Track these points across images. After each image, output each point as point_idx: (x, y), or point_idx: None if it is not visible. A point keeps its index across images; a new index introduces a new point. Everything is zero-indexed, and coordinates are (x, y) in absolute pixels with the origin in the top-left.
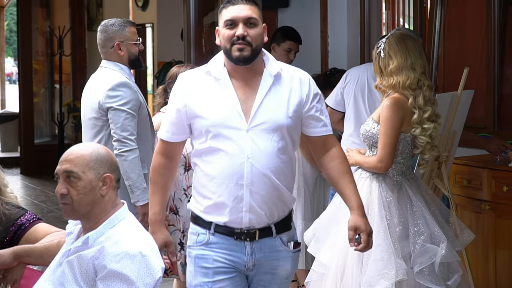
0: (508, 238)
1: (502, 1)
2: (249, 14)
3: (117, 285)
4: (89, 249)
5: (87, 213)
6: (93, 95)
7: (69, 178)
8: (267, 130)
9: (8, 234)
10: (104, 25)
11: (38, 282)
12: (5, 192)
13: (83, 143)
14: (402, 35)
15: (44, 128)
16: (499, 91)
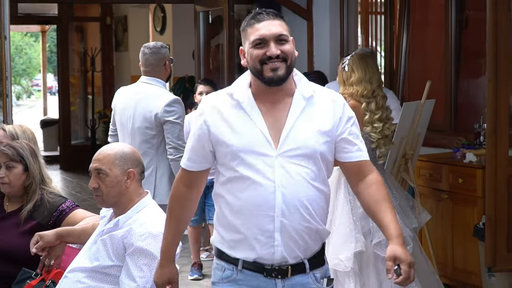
0: (463, 222)
1: (457, 25)
2: (279, 31)
3: (142, 259)
4: (119, 230)
5: (116, 202)
6: (150, 109)
7: (99, 175)
8: (298, 156)
9: (51, 218)
10: (154, 47)
11: (77, 257)
12: (49, 184)
13: (111, 144)
14: (364, 54)
15: (79, 132)
16: (455, 100)
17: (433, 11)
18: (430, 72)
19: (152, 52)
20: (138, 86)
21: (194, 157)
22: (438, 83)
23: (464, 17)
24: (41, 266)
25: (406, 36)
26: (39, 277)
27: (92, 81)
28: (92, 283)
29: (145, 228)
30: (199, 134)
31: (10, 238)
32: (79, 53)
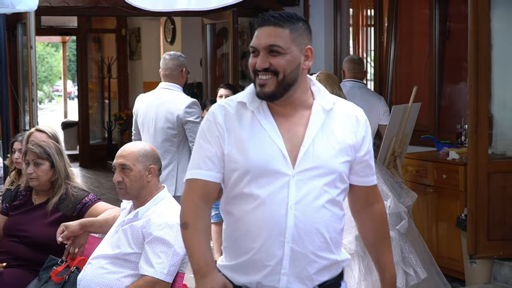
0: (447, 213)
1: (441, 36)
2: (272, 41)
3: (160, 247)
4: (138, 221)
5: (137, 195)
6: (172, 111)
7: (123, 169)
8: (317, 176)
9: (75, 210)
10: (173, 55)
11: (100, 245)
12: (73, 179)
13: (133, 142)
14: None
15: (96, 132)
16: (438, 104)
17: (418, 23)
18: (415, 78)
19: (172, 58)
20: (158, 92)
21: (209, 164)
22: (423, 88)
23: (447, 28)
24: (66, 254)
25: (393, 46)
26: (64, 264)
27: (108, 86)
28: (114, 268)
29: (162, 219)
30: (217, 135)
31: (38, 228)
32: (97, 61)
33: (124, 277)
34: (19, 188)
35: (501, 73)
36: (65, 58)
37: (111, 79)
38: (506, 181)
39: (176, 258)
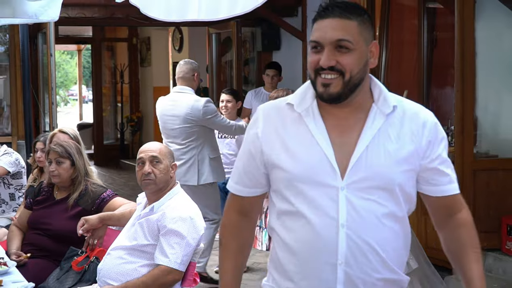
0: None
1: (429, 45)
2: (339, 35)
3: (173, 239)
4: (154, 214)
5: (162, 187)
6: (189, 111)
7: (153, 162)
8: (371, 189)
9: (94, 205)
10: (187, 61)
11: (118, 237)
12: (92, 176)
13: (153, 142)
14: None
15: (110, 133)
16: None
17: (408, 32)
18: (405, 83)
19: (186, 63)
20: (173, 95)
21: (245, 179)
22: (412, 92)
23: (434, 37)
24: (86, 245)
25: (385, 53)
26: (84, 254)
27: (121, 91)
28: (131, 258)
29: (176, 213)
30: (251, 151)
31: (60, 221)
32: (110, 68)
33: (141, 267)
34: (42, 184)
35: (485, 79)
36: (81, 65)
37: (123, 84)
38: (490, 178)
39: (188, 248)
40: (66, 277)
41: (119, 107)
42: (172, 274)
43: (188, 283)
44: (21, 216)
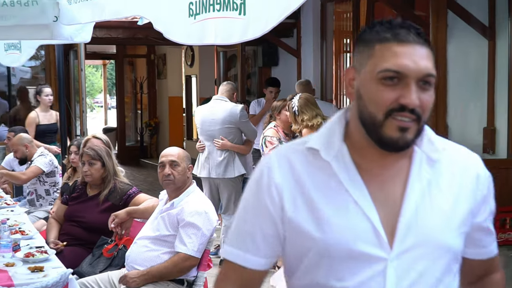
0: None
1: None
2: (429, 68)
3: (191, 230)
4: (174, 209)
5: (180, 187)
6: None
7: (172, 165)
8: (424, 258)
9: (122, 200)
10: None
11: (143, 229)
12: (120, 175)
13: (173, 147)
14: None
15: (131, 136)
16: None
17: None
18: None
19: (227, 83)
20: (212, 102)
21: (249, 243)
22: None
23: None
24: (115, 235)
25: None
26: (113, 243)
27: (140, 100)
28: (155, 247)
29: (193, 207)
30: (267, 206)
31: (92, 215)
32: (131, 80)
33: (163, 254)
34: (76, 183)
35: (455, 92)
36: (105, 77)
37: (143, 94)
38: None
39: (203, 238)
40: (97, 262)
41: (139, 113)
42: (189, 260)
43: (203, 267)
44: (58, 210)
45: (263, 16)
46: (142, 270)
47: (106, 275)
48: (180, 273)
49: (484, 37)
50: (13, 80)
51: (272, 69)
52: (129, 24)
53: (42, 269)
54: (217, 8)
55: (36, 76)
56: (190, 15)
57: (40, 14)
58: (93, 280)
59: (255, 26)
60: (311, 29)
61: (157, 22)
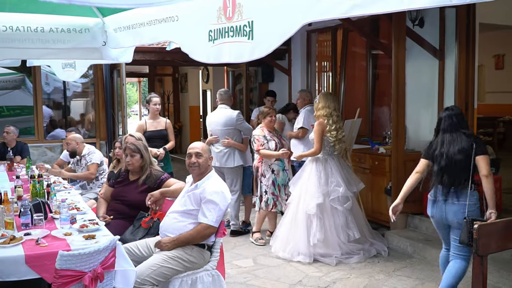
0: (378, 186)
1: (373, 78)
2: None
3: (210, 205)
4: (197, 189)
5: (203, 172)
6: (229, 119)
7: (197, 155)
8: None
9: (156, 183)
10: (226, 90)
11: (173, 205)
12: (154, 165)
13: (198, 142)
14: (326, 93)
15: None
16: (371, 119)
17: (359, 70)
18: (357, 104)
19: (224, 92)
20: (218, 110)
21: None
22: (362, 110)
23: (376, 73)
24: (150, 210)
25: (343, 84)
26: (149, 216)
27: (167, 109)
28: (182, 219)
29: (212, 188)
30: None
31: (133, 195)
32: (160, 93)
33: (189, 224)
34: (120, 170)
35: (411, 101)
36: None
37: (169, 104)
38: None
39: (220, 212)
40: (137, 232)
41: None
42: (209, 229)
43: (220, 234)
44: (106, 192)
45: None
46: (173, 237)
47: (144, 241)
48: (202, 239)
49: (435, 58)
50: (67, 93)
51: (269, 84)
52: (159, 50)
53: (94, 237)
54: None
55: (86, 90)
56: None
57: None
58: (134, 245)
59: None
60: (299, 53)
61: (184, 46)
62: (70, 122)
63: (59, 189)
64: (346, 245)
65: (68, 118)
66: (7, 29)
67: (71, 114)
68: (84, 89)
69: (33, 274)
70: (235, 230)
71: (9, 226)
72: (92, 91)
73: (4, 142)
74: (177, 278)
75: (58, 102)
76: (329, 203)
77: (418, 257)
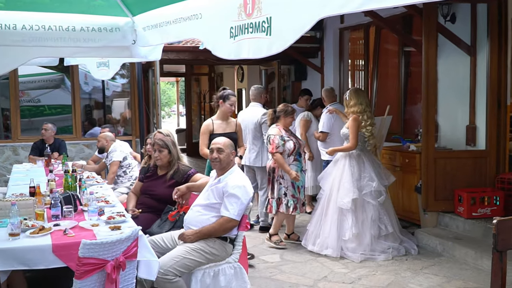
0: (408, 183)
1: (405, 76)
2: None
3: (232, 199)
4: (220, 183)
5: (224, 166)
6: (254, 118)
7: (219, 151)
8: None
9: (183, 178)
10: (257, 86)
11: (197, 199)
12: (182, 160)
13: (220, 137)
14: (356, 89)
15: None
16: (403, 117)
17: (391, 67)
18: (389, 101)
19: (255, 88)
20: (249, 108)
21: None
22: (395, 107)
23: (409, 71)
24: (177, 204)
25: (375, 82)
26: (176, 210)
27: (204, 107)
28: (206, 212)
29: (234, 182)
30: None
31: (161, 189)
32: (197, 93)
33: (212, 217)
34: (149, 166)
35: (444, 97)
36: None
37: (205, 103)
38: (446, 164)
39: (242, 206)
40: (164, 225)
41: (203, 118)
42: (231, 222)
43: (242, 228)
44: (136, 186)
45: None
46: (196, 229)
47: (169, 234)
48: (224, 232)
49: (467, 54)
50: (107, 92)
51: (302, 82)
52: (193, 49)
53: (120, 228)
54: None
55: (125, 90)
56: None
57: (121, 38)
58: (160, 238)
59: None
60: (332, 51)
61: (207, 42)
62: (108, 120)
63: (92, 183)
64: (376, 241)
65: (107, 117)
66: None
67: (112, 113)
68: (124, 89)
69: (60, 263)
70: (264, 227)
71: (40, 218)
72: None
73: (43, 139)
74: (200, 269)
75: (99, 102)
76: (362, 198)
77: (447, 256)
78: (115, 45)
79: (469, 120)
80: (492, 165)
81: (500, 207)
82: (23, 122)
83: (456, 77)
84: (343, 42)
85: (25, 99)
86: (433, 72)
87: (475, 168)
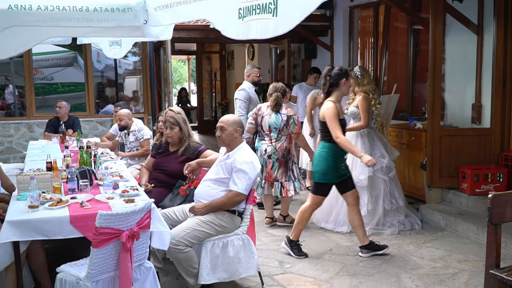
0: (414, 160)
1: (414, 54)
2: None
3: (241, 174)
4: (229, 159)
5: (228, 144)
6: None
7: (221, 129)
8: None
9: (194, 154)
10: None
11: (207, 174)
12: (192, 137)
13: (227, 115)
14: (364, 68)
15: (208, 113)
16: (411, 95)
17: (400, 46)
18: (397, 79)
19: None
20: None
21: None
22: (403, 85)
23: (418, 49)
24: (188, 179)
25: (385, 60)
26: (187, 185)
27: (214, 85)
28: (215, 186)
29: (242, 158)
30: None
31: (172, 165)
32: (208, 71)
33: (221, 191)
34: (161, 142)
35: (451, 76)
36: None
37: (216, 81)
38: (451, 141)
39: (249, 181)
40: (175, 199)
41: (214, 96)
42: (239, 196)
43: (250, 202)
44: (148, 162)
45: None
46: (206, 203)
47: (180, 207)
48: (233, 205)
49: (474, 33)
50: (119, 70)
51: (312, 61)
52: (203, 27)
53: (134, 201)
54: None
55: (137, 68)
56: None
57: (133, 18)
58: (171, 211)
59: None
60: (341, 29)
61: (216, 23)
62: (121, 98)
63: (106, 159)
64: (387, 215)
65: (119, 95)
66: (54, 8)
67: (124, 91)
68: (136, 67)
69: (77, 233)
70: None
71: (57, 191)
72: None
73: (57, 117)
74: (209, 241)
75: (111, 79)
76: (374, 174)
77: (450, 230)
78: (127, 25)
79: (475, 98)
80: (496, 143)
81: (503, 183)
82: (37, 99)
83: (463, 56)
84: (353, 21)
85: (39, 77)
86: (439, 50)
87: (480, 146)
